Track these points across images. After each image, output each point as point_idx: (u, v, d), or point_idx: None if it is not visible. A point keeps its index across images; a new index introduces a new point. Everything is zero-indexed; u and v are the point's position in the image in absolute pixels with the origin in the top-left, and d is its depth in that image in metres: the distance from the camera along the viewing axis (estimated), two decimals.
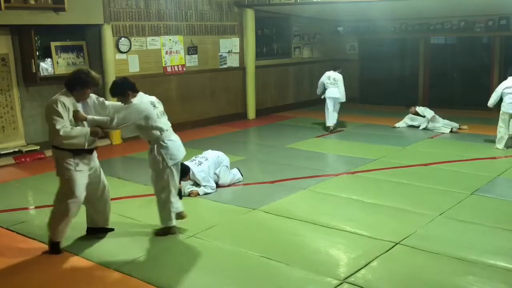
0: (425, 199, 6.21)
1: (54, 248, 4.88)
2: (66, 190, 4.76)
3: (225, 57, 11.84)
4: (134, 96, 5.00)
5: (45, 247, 4.99)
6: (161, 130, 5.02)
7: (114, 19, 9.67)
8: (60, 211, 4.79)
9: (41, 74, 9.07)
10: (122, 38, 9.83)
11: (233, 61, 12.00)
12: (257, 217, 5.76)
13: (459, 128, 10.27)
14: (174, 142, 5.11)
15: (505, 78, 8.74)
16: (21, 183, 7.39)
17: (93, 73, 4.83)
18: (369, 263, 4.52)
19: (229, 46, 11.88)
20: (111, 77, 9.56)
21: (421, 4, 10.96)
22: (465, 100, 12.95)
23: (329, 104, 10.51)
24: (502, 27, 11.88)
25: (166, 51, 10.62)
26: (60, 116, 4.59)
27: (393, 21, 13.22)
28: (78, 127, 4.69)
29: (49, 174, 7.77)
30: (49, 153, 8.84)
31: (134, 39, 10.06)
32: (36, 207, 6.43)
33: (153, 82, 10.42)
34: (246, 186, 6.91)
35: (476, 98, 12.84)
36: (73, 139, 4.61)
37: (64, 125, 4.59)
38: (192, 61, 11.15)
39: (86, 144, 4.69)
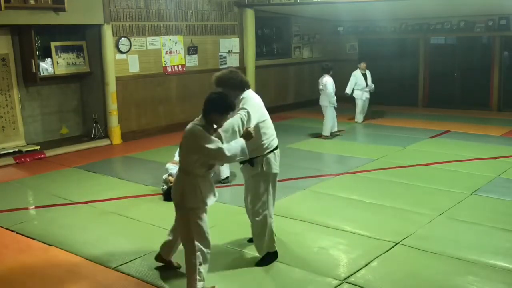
0: (425, 199, 6.21)
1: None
2: None
3: (225, 57, 11.83)
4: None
5: (44, 246, 5.01)
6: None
7: (114, 19, 9.67)
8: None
9: (41, 74, 9.07)
10: (122, 38, 9.83)
11: (233, 61, 11.99)
12: None
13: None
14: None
15: (505, 78, 8.70)
16: (21, 183, 7.38)
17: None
18: (369, 263, 4.52)
19: (229, 46, 11.88)
20: (111, 77, 9.61)
21: (421, 4, 10.95)
22: (465, 100, 12.95)
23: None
24: (502, 27, 11.88)
25: (166, 51, 10.62)
26: None
27: (393, 21, 13.22)
28: None
29: (49, 174, 7.82)
30: (49, 153, 8.87)
31: (134, 39, 10.05)
32: (36, 207, 6.42)
33: (153, 82, 10.44)
34: None
35: (476, 98, 12.85)
36: None
37: None
38: (192, 61, 11.15)
39: None
